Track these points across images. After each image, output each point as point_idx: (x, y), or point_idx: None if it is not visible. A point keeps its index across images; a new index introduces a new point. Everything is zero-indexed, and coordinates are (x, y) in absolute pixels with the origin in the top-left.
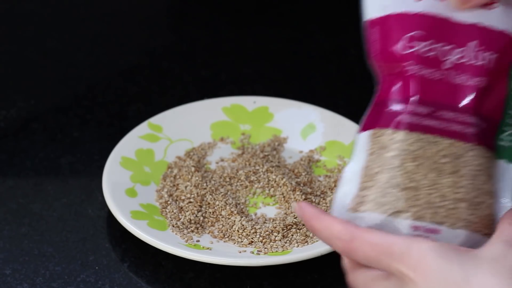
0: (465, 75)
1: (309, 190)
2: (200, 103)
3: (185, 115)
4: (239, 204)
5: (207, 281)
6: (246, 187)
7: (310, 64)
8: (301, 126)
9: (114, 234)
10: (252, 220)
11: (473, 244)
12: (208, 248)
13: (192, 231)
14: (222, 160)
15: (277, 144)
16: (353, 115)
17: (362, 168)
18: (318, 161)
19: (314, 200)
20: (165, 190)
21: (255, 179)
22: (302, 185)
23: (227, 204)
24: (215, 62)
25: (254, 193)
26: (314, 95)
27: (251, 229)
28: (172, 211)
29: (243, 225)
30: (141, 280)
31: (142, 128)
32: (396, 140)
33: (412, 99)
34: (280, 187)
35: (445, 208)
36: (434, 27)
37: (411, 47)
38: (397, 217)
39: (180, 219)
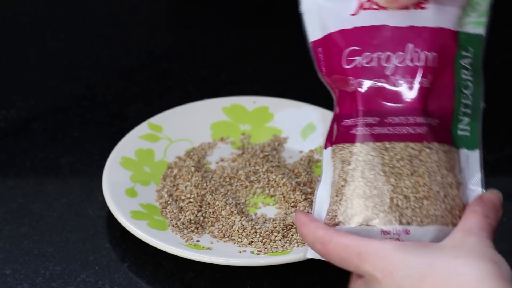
0: (408, 78)
1: (309, 190)
2: (200, 103)
3: (185, 115)
4: (239, 204)
5: (207, 281)
6: (246, 187)
7: (310, 64)
8: (301, 126)
9: (114, 234)
10: (252, 220)
11: (444, 237)
12: (208, 248)
13: (192, 231)
14: (222, 160)
15: (277, 144)
16: None
17: (331, 184)
18: (318, 161)
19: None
20: (165, 190)
21: (255, 179)
22: (302, 185)
23: (227, 204)
24: (215, 62)
25: (254, 193)
26: (314, 95)
27: (251, 229)
28: (172, 211)
29: (243, 225)
30: (141, 280)
31: (142, 128)
32: (353, 153)
33: (360, 111)
34: (280, 187)
35: (411, 208)
36: (372, 38)
37: (352, 61)
38: (367, 226)
39: (180, 219)
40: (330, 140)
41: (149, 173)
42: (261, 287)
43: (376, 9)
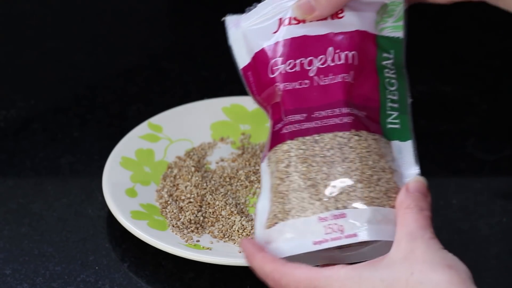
0: (331, 76)
1: None
2: (200, 103)
3: (185, 115)
4: (239, 204)
5: (207, 281)
6: (246, 187)
7: None
8: None
9: (114, 234)
10: (252, 220)
11: (383, 218)
12: (208, 248)
13: (192, 231)
14: (222, 160)
15: None
16: None
17: (270, 189)
18: None
19: None
20: (165, 190)
21: (255, 179)
22: None
23: (227, 204)
24: (215, 62)
25: (254, 193)
26: None
27: (251, 229)
28: (172, 211)
29: (243, 225)
30: (141, 280)
31: (142, 128)
32: (284, 150)
33: (286, 110)
34: None
35: (345, 193)
36: (293, 48)
37: (276, 70)
38: (305, 216)
39: (180, 219)
40: (266, 152)
41: (149, 173)
42: (261, 287)
43: (296, 23)
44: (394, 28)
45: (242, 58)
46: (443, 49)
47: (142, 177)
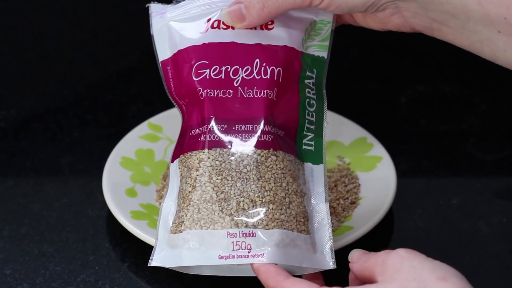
0: (255, 90)
1: None
2: None
3: None
4: None
5: (207, 281)
6: None
7: None
8: None
9: (114, 234)
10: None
11: (290, 241)
12: None
13: None
14: None
15: None
16: (353, 115)
17: (178, 192)
18: None
19: None
20: (165, 190)
21: None
22: None
23: None
24: None
25: None
26: None
27: None
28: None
29: None
30: (141, 280)
31: (142, 128)
32: (200, 159)
33: (207, 118)
34: None
35: (257, 212)
36: (220, 53)
37: (201, 74)
38: (213, 229)
39: None
40: (178, 153)
41: (149, 173)
42: (261, 287)
43: (225, 28)
44: (319, 47)
45: (163, 51)
46: (443, 49)
47: (142, 177)
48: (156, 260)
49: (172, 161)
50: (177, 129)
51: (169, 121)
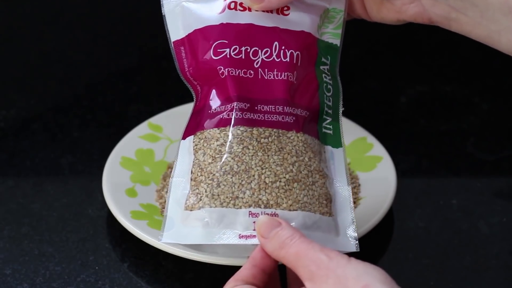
0: (275, 72)
1: None
2: None
3: (185, 115)
4: None
5: (207, 281)
6: None
7: None
8: None
9: (114, 234)
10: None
11: (312, 224)
12: None
13: None
14: None
15: None
16: (353, 115)
17: (190, 168)
18: None
19: None
20: (165, 190)
21: None
22: None
23: None
24: None
25: None
26: None
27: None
28: None
29: None
30: (141, 280)
31: (142, 128)
32: (222, 133)
33: (232, 97)
34: None
35: (280, 190)
36: (239, 33)
37: (221, 53)
38: (234, 207)
39: None
40: (192, 130)
41: (149, 173)
42: None
43: (242, 10)
44: (333, 35)
45: (176, 31)
46: (443, 49)
47: (142, 177)
48: (167, 237)
49: (184, 138)
50: (178, 129)
51: (169, 121)
